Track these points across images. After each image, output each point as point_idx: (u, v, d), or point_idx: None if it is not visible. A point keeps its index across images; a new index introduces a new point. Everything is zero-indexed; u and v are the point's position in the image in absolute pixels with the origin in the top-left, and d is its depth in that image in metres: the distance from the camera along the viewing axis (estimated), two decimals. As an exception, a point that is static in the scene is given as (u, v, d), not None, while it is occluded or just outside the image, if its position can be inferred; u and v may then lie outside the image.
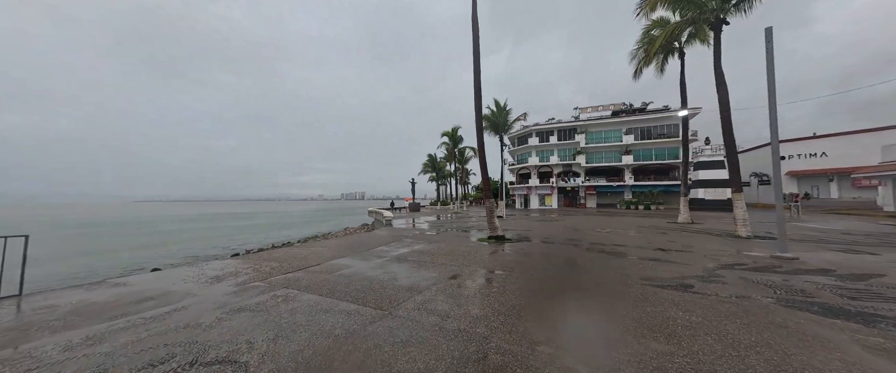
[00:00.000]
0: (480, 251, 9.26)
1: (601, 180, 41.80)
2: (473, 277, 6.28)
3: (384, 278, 6.23)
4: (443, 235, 13.64)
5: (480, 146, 12.60)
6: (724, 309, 4.32)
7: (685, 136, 17.59)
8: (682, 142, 17.71)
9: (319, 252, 9.47)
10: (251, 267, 7.49)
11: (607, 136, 42.14)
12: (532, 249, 9.50)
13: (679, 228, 15.26)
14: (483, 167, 12.45)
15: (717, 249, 9.25)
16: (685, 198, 17.57)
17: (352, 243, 11.36)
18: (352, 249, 9.88)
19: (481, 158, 12.50)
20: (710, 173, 32.01)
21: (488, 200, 12.21)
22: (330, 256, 8.83)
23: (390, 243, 11.10)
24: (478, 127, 12.41)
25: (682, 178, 17.79)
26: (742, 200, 11.66)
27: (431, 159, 48.85)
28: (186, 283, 6.20)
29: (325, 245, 11.18)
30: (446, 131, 39.35)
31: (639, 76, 19.19)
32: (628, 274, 6.31)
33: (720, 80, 12.10)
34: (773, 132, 7.93)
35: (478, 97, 12.15)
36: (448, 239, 12.09)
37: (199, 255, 17.01)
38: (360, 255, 8.94)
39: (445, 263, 7.64)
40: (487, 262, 7.77)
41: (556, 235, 13.14)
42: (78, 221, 45.32)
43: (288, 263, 7.82)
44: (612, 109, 43.19)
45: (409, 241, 11.72)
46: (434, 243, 10.92)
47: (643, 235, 12.54)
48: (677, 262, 7.43)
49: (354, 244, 11.07)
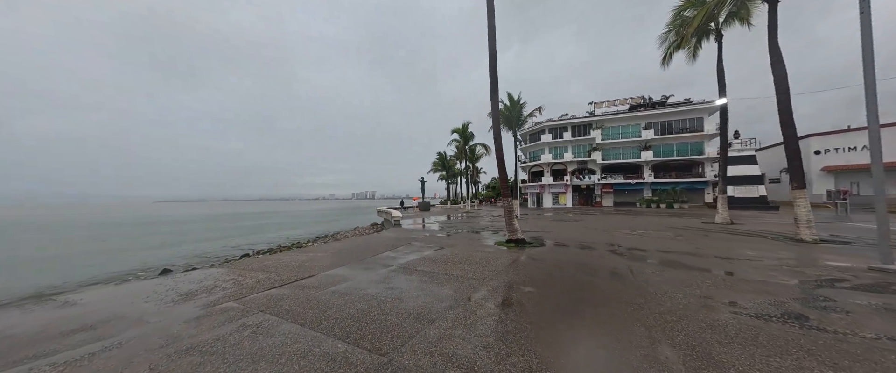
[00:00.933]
0: (500, 259, 7.89)
1: (618, 178, 39.79)
2: (499, 297, 4.93)
3: (387, 298, 4.93)
4: (455, 237, 12.31)
5: (497, 140, 11.20)
6: (891, 364, 2.86)
7: (723, 126, 15.80)
8: (719, 133, 15.93)
9: (317, 260, 8.24)
10: (233, 279, 6.30)
11: (625, 131, 40.08)
12: (561, 257, 8.08)
13: (721, 229, 13.56)
14: (500, 163, 11.05)
15: (788, 257, 7.66)
16: (723, 196, 15.81)
17: (356, 248, 10.13)
18: (354, 256, 8.62)
19: (498, 153, 11.11)
20: (738, 169, 29.79)
21: (507, 200, 10.82)
22: (328, 264, 7.59)
23: (397, 248, 9.83)
24: (494, 118, 11.03)
25: (721, 173, 16.01)
26: (805, 198, 9.98)
27: (441, 158, 47.52)
28: (147, 302, 5.03)
29: (325, 250, 9.97)
30: (456, 128, 37.96)
31: (668, 63, 17.47)
32: (701, 295, 4.85)
33: (776, 57, 10.41)
34: (871, 109, 6.28)
35: (494, 80, 10.76)
36: (461, 243, 10.75)
37: (210, 255, 16.77)
38: (361, 263, 7.67)
39: (461, 275, 6.29)
40: (512, 274, 6.40)
41: (582, 237, 11.65)
42: (111, 221, 45.66)
43: (277, 275, 6.60)
44: (630, 103, 41.11)
45: (418, 245, 10.42)
46: (446, 248, 9.59)
47: (686, 239, 10.95)
48: (753, 277, 5.92)
49: (358, 249, 9.83)
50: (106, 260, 15.84)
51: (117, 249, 20.11)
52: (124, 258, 16.55)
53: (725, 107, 15.64)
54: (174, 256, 17.04)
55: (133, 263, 15.33)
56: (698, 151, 36.11)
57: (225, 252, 17.80)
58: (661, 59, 17.35)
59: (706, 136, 35.75)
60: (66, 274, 12.71)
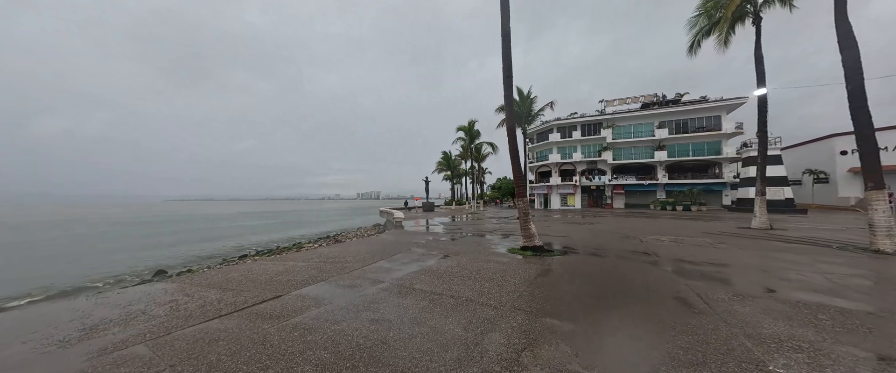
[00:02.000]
0: (518, 273, 6.30)
1: (630, 179, 37.88)
2: (527, 337, 3.34)
3: (366, 340, 3.37)
4: (462, 243, 10.72)
5: (511, 132, 9.61)
6: None
7: (763, 118, 13.95)
8: (758, 130, 14.09)
9: (295, 271, 6.71)
10: (172, 302, 4.79)
11: (637, 130, 38.18)
12: (593, 270, 6.46)
13: (765, 236, 11.79)
14: (514, 158, 9.47)
15: (879, 272, 5.97)
16: (763, 198, 14.04)
17: (346, 254, 8.58)
18: (340, 266, 7.08)
19: (512, 145, 9.52)
20: (761, 170, 27.79)
21: (522, 200, 9.21)
22: (305, 278, 6.05)
23: (394, 256, 8.27)
24: (507, 107, 9.45)
25: (760, 172, 14.25)
26: (885, 200, 8.20)
27: (446, 157, 45.94)
28: (26, 342, 3.53)
29: (309, 258, 8.43)
30: (462, 125, 36.32)
31: (696, 51, 15.75)
32: (861, 345, 3.22)
33: (846, 37, 8.65)
34: None
35: (507, 64, 9.20)
36: (469, 249, 9.15)
37: (203, 256, 16.44)
38: (347, 276, 6.13)
39: (471, 298, 4.72)
40: (538, 297, 4.80)
41: (607, 244, 10.00)
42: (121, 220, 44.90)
43: (234, 294, 5.08)
44: (642, 100, 39.23)
45: (419, 252, 8.86)
46: (452, 257, 8.01)
47: (734, 248, 9.26)
48: (862, 309, 4.27)
49: (348, 256, 8.28)
50: (95, 262, 15.23)
51: (116, 248, 19.61)
52: (119, 259, 15.98)
53: (765, 98, 13.85)
54: (171, 256, 16.57)
55: (126, 264, 14.70)
56: (715, 151, 34.11)
57: (224, 252, 17.36)
58: (689, 46, 15.64)
59: (724, 135, 33.73)
60: (48, 277, 11.67)
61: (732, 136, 33.75)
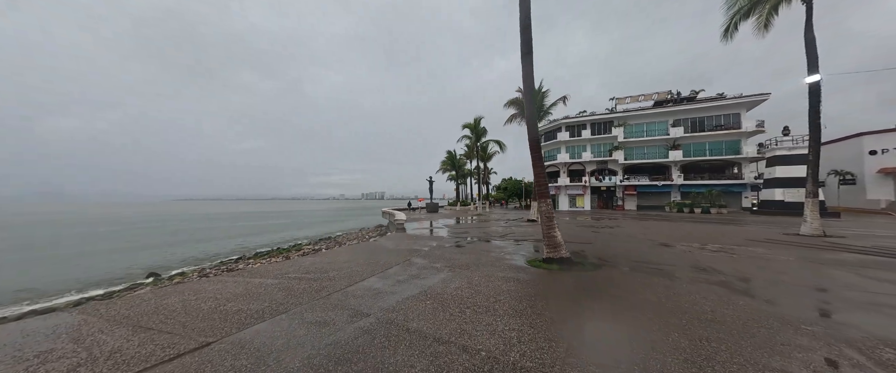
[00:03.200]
0: (552, 299, 4.62)
1: (643, 179, 35.87)
2: None
3: None
4: (470, 250, 9.03)
5: (531, 120, 7.93)
6: None
7: (815, 111, 12.03)
8: (810, 122, 12.12)
9: (260, 294, 5.08)
10: (73, 346, 3.18)
11: (650, 129, 36.18)
12: (655, 296, 4.74)
13: (827, 245, 9.94)
14: (535, 149, 7.78)
15: None
16: (815, 200, 12.12)
17: (334, 266, 6.94)
18: (318, 286, 5.44)
19: (532, 133, 7.84)
20: (789, 170, 25.65)
21: (545, 202, 7.50)
22: (257, 309, 4.40)
23: (389, 269, 6.61)
24: (526, 88, 7.77)
25: (811, 169, 12.32)
26: None
27: (450, 156, 44.22)
28: None
29: (283, 272, 6.79)
30: (468, 123, 34.50)
31: (731, 36, 13.94)
32: None
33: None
34: None
35: (526, 37, 7.54)
36: (480, 260, 7.46)
37: (204, 256, 15.81)
38: (320, 304, 4.48)
39: (497, 354, 3.03)
40: (598, 347, 3.11)
41: (644, 254, 8.25)
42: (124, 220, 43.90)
43: (142, 340, 3.46)
44: (655, 98, 37.20)
45: (419, 264, 7.18)
46: (460, 272, 6.33)
47: (804, 263, 7.47)
48: None
49: (335, 270, 6.64)
50: (91, 263, 14.21)
51: (113, 249, 18.76)
52: (115, 260, 14.96)
53: (818, 86, 11.95)
54: (169, 257, 15.66)
55: (121, 264, 13.68)
56: (734, 151, 32.02)
57: (223, 254, 16.24)
58: (724, 29, 13.82)
59: (744, 133, 31.64)
60: (41, 278, 10.87)
61: (752, 134, 31.65)
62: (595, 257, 7.81)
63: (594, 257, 7.81)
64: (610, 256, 7.95)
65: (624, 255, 8.21)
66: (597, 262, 7.25)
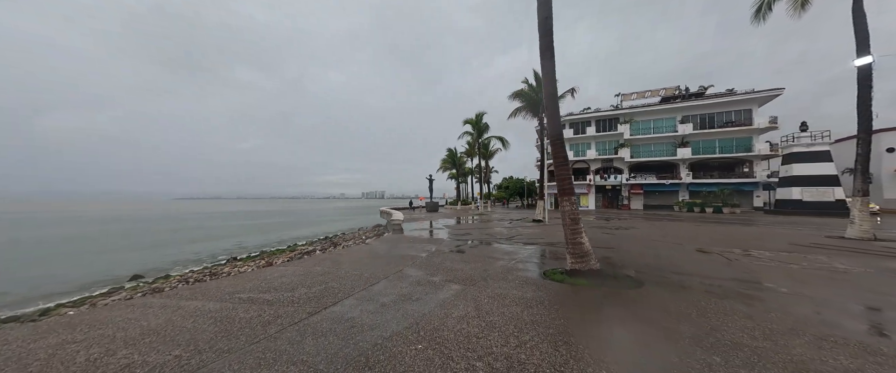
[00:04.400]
0: (591, 330, 3.14)
1: (650, 178, 34.31)
2: None
3: None
4: (473, 256, 7.54)
5: (550, 100, 6.42)
6: None
7: (865, 98, 10.49)
8: (858, 110, 10.61)
9: (171, 332, 3.60)
10: None
11: (657, 125, 34.63)
12: (736, 329, 3.25)
13: (887, 250, 8.41)
14: (558, 144, 6.29)
15: None
16: (864, 198, 10.62)
17: (296, 285, 5.46)
18: (269, 317, 3.96)
19: (553, 127, 6.34)
20: (808, 168, 24.10)
21: (569, 200, 6.01)
22: (156, 365, 2.93)
23: (373, 286, 5.12)
24: (544, 60, 6.27)
25: (860, 166, 10.85)
26: None
27: (451, 154, 42.67)
28: None
29: (234, 290, 5.31)
30: (469, 118, 32.91)
31: (764, 17, 12.42)
32: None
33: None
34: None
35: (545, 13, 6.03)
36: (486, 270, 5.97)
37: (195, 258, 14.46)
38: (265, 342, 3.01)
39: None
40: None
41: (680, 263, 6.75)
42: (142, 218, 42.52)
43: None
44: (662, 94, 35.63)
45: (412, 277, 5.69)
46: (463, 287, 4.85)
47: (884, 275, 5.96)
48: None
49: (300, 289, 5.16)
50: (74, 264, 12.95)
51: (102, 249, 17.14)
52: (102, 260, 13.69)
53: (869, 69, 10.42)
54: (158, 258, 14.36)
55: (107, 266, 12.41)
56: (745, 148, 30.46)
57: (216, 254, 15.20)
58: (755, 9, 12.29)
59: (755, 130, 30.06)
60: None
61: (765, 131, 30.06)
62: (627, 267, 6.31)
63: (626, 267, 6.31)
64: (644, 267, 6.45)
65: (660, 264, 6.71)
66: (633, 275, 5.74)
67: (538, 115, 19.54)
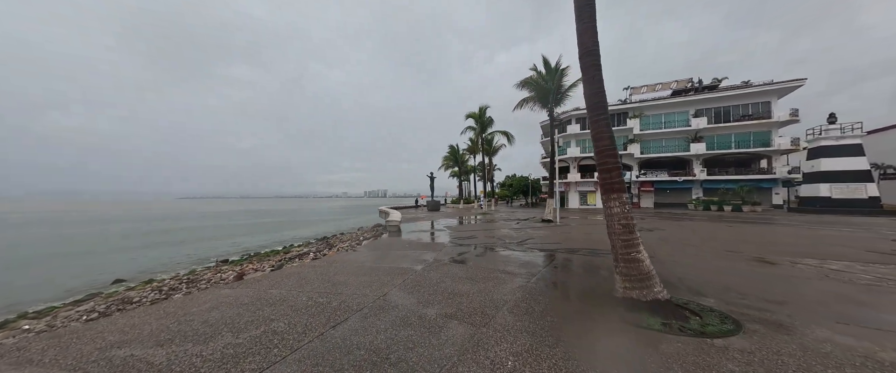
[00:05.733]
0: None
1: (661, 175, 32.36)
2: None
3: None
4: (481, 268, 5.75)
5: (588, 59, 4.57)
6: None
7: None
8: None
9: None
10: None
11: (669, 120, 32.65)
12: None
13: None
14: (602, 117, 4.46)
15: None
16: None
17: (235, 320, 3.71)
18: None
19: (593, 93, 4.50)
20: (836, 163, 22.10)
21: (618, 198, 4.18)
22: None
23: (335, 329, 3.34)
24: (582, 21, 4.44)
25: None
26: None
27: (453, 151, 40.82)
28: None
29: (141, 330, 3.56)
30: (472, 112, 30.97)
31: None
32: None
33: None
34: None
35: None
36: (501, 295, 4.16)
37: (186, 260, 13.58)
38: None
39: None
40: None
41: (762, 284, 4.93)
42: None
43: None
44: (674, 87, 33.64)
45: (399, 307, 3.90)
46: (471, 325, 3.07)
47: None
48: None
49: (230, 325, 3.41)
50: (59, 266, 12.14)
51: (91, 251, 16.12)
52: (88, 264, 12.70)
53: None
54: (146, 260, 13.51)
55: (91, 269, 11.56)
56: (764, 143, 28.45)
57: (209, 256, 14.16)
58: None
59: (775, 123, 28.03)
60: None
61: (785, 124, 28.03)
62: (701, 293, 4.49)
63: (700, 294, 4.49)
64: (719, 290, 4.64)
65: (734, 285, 4.89)
66: (720, 307, 3.93)
67: (548, 105, 17.68)
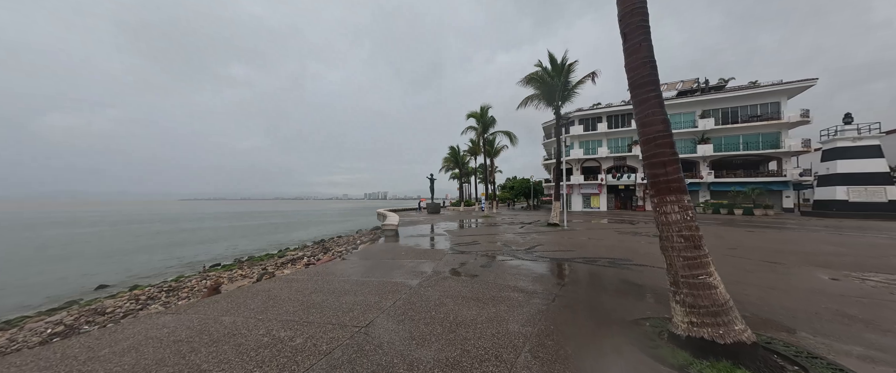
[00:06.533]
0: None
1: (667, 177, 31.25)
2: None
3: None
4: (488, 285, 4.68)
5: (633, 17, 3.52)
6: None
7: None
8: None
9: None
10: None
11: (675, 121, 31.51)
12: None
13: None
14: (647, 96, 3.39)
15: None
16: None
17: (184, 345, 2.64)
18: None
19: (638, 65, 3.44)
20: (853, 164, 21.01)
21: (677, 202, 3.11)
22: None
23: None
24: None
25: None
26: None
27: (453, 152, 39.77)
28: None
29: (85, 356, 2.49)
30: (473, 112, 29.89)
31: None
32: None
33: None
34: None
35: None
36: (517, 325, 3.09)
37: (177, 264, 12.96)
38: None
39: None
40: None
41: (831, 308, 3.85)
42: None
43: None
44: (679, 87, 32.63)
45: (384, 346, 2.82)
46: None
47: None
48: None
49: (182, 354, 2.34)
50: (41, 270, 11.50)
51: (80, 254, 15.44)
52: (71, 268, 12.07)
53: None
54: (134, 265, 12.79)
55: (76, 274, 10.89)
56: (773, 144, 27.39)
57: (202, 261, 13.51)
58: None
59: (785, 124, 26.96)
60: None
61: (796, 125, 26.98)
62: (777, 327, 3.42)
63: (776, 327, 3.42)
64: (798, 322, 3.56)
65: (815, 312, 3.81)
66: (821, 357, 2.87)
67: (553, 103, 16.63)
